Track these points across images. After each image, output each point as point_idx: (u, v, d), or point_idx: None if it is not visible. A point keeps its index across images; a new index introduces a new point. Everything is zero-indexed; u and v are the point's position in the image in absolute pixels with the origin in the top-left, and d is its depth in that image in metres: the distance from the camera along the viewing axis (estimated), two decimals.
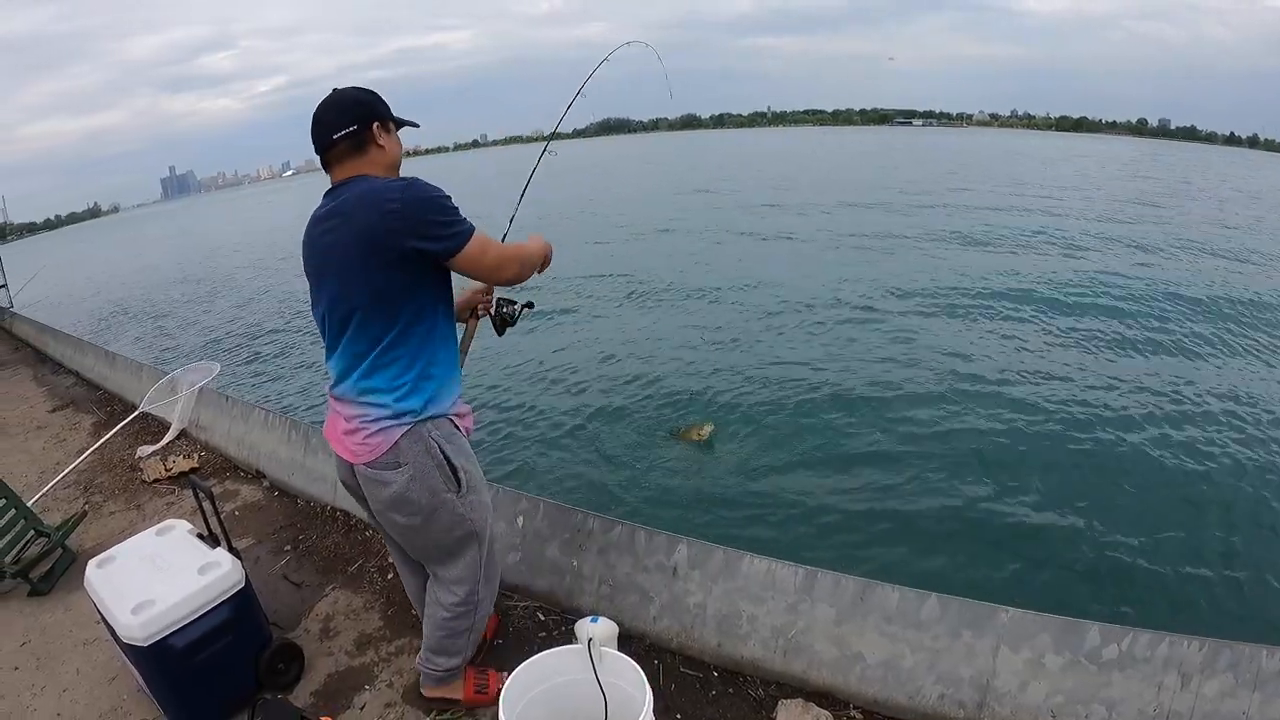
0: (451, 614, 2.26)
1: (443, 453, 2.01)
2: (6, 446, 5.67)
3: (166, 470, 4.63)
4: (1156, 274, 12.60)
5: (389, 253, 1.83)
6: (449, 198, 1.90)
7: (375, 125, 1.96)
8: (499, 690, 2.11)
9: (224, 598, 2.46)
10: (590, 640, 2.04)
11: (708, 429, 6.04)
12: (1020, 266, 13.25)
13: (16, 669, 2.97)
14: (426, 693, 2.48)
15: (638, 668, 1.97)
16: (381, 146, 1.98)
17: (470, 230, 1.90)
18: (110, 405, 6.35)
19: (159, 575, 2.49)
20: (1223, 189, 32.33)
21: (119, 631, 2.31)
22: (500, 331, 2.48)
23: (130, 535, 3.91)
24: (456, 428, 2.09)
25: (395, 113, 2.05)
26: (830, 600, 2.47)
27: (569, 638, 2.83)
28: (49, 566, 3.58)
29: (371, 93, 2.01)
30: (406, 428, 1.95)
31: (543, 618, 2.99)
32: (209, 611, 2.42)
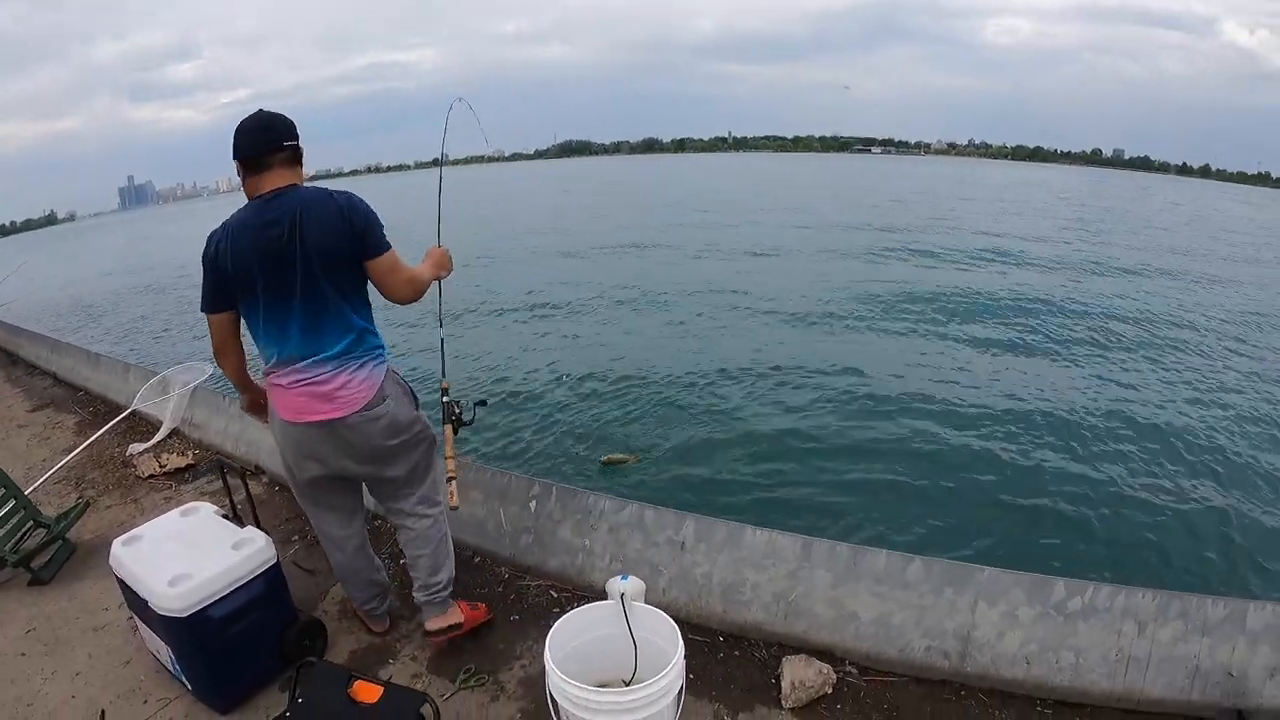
0: (432, 522, 2.66)
1: (401, 379, 2.46)
2: None
3: (161, 466, 4.67)
4: (1063, 283, 14.00)
5: (340, 244, 2.17)
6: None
7: (292, 144, 2.23)
8: (487, 607, 2.88)
9: (259, 572, 2.57)
10: (622, 595, 2.24)
11: (631, 459, 6.12)
12: (961, 278, 14.23)
13: (23, 655, 2.99)
14: (430, 625, 2.73)
15: (670, 620, 2.17)
16: (302, 166, 2.26)
17: (389, 245, 2.26)
18: (93, 405, 6.31)
19: (192, 551, 2.59)
20: (1154, 213, 35.21)
21: (155, 603, 2.41)
22: (455, 431, 2.86)
23: (129, 528, 3.99)
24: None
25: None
26: (827, 565, 2.68)
27: None
28: (49, 556, 3.63)
29: (284, 119, 2.25)
30: (384, 368, 2.38)
31: (555, 594, 3.15)
32: (245, 584, 2.53)
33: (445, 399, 2.85)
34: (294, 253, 2.13)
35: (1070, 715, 2.35)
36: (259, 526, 2.76)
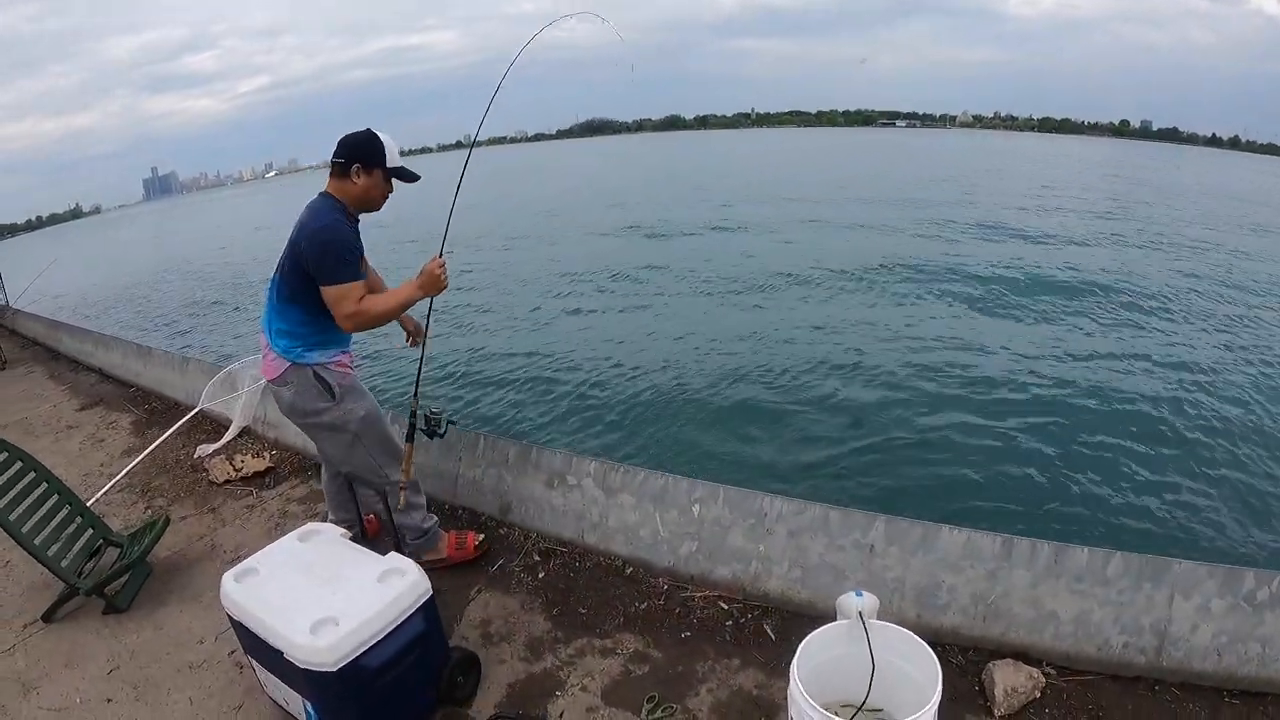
0: (375, 495, 2.92)
1: (316, 375, 2.69)
2: (38, 448, 5.18)
3: (236, 470, 4.29)
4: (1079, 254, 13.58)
5: (295, 260, 2.58)
6: (348, 250, 2.55)
7: (356, 166, 2.60)
8: (475, 545, 3.12)
9: (414, 608, 2.19)
10: (860, 613, 2.02)
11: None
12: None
13: (110, 701, 2.60)
14: (425, 561, 2.81)
15: (922, 643, 1.97)
16: (355, 182, 2.61)
17: (341, 280, 2.52)
18: (148, 402, 5.94)
19: (327, 587, 2.21)
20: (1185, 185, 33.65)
21: (294, 655, 2.02)
22: (430, 436, 3.02)
23: (210, 542, 3.64)
24: (331, 368, 2.74)
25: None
26: (1027, 565, 2.51)
27: (758, 624, 2.73)
28: (124, 580, 3.22)
29: (373, 142, 2.61)
30: (287, 362, 2.69)
31: (725, 606, 2.80)
32: (401, 625, 2.15)
33: (411, 416, 2.98)
34: (287, 246, 2.63)
35: (1256, 705, 2.26)
36: (399, 549, 2.36)
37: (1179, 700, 2.29)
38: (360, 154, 2.60)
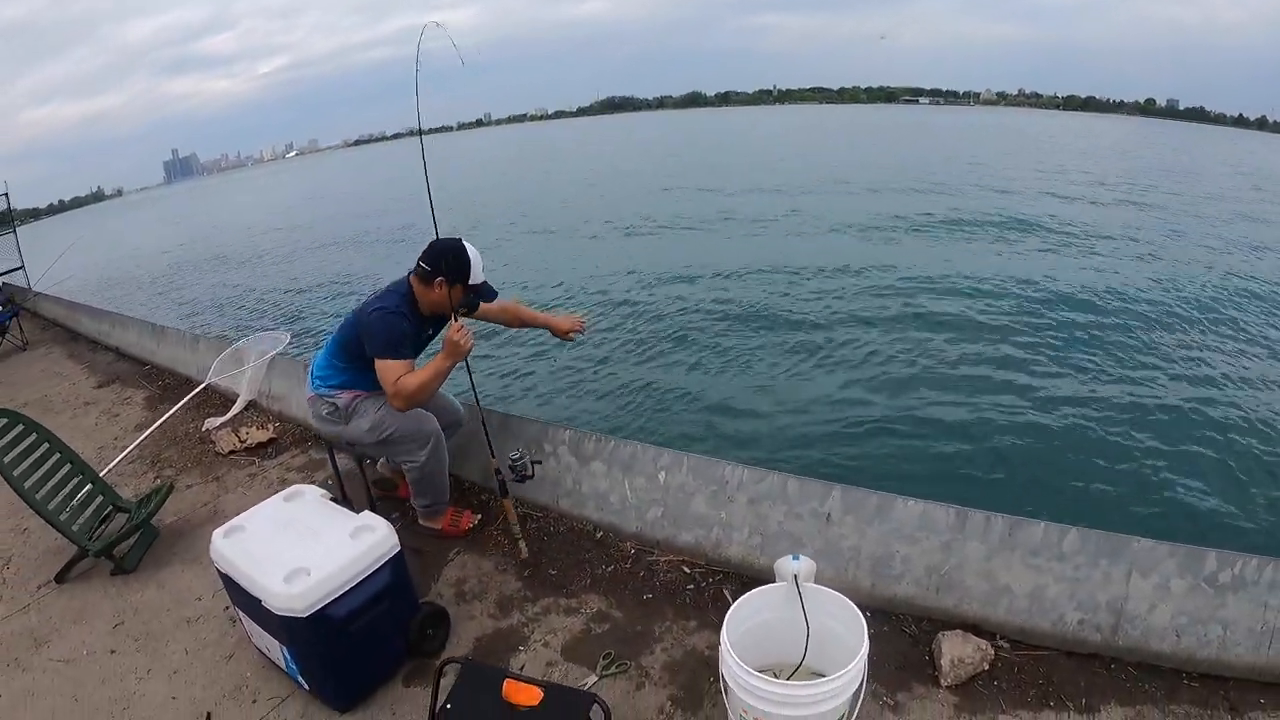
0: (410, 466, 3.10)
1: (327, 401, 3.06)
2: (57, 423, 5.44)
3: (241, 441, 4.47)
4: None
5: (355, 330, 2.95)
6: (397, 334, 2.81)
7: (440, 280, 2.82)
8: (468, 527, 3.30)
9: (382, 562, 2.33)
10: (795, 576, 2.07)
11: None
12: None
13: (114, 652, 2.78)
14: (420, 524, 3.32)
15: (852, 605, 2.00)
16: (435, 290, 2.84)
17: (387, 356, 2.80)
18: (161, 379, 6.16)
19: (305, 542, 2.35)
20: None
21: (270, 603, 2.17)
22: (520, 481, 3.09)
23: (212, 508, 3.81)
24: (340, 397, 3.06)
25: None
26: (981, 537, 2.52)
27: (718, 589, 2.82)
28: (131, 543, 3.41)
29: (463, 261, 2.84)
30: (313, 394, 3.11)
31: (688, 570, 2.90)
32: (369, 577, 2.29)
33: (498, 475, 3.04)
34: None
35: (1214, 688, 2.26)
36: (373, 508, 2.50)
37: (1135, 680, 2.29)
38: (449, 270, 2.81)
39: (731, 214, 16.96)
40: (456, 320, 2.83)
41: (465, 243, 2.88)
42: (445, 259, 2.81)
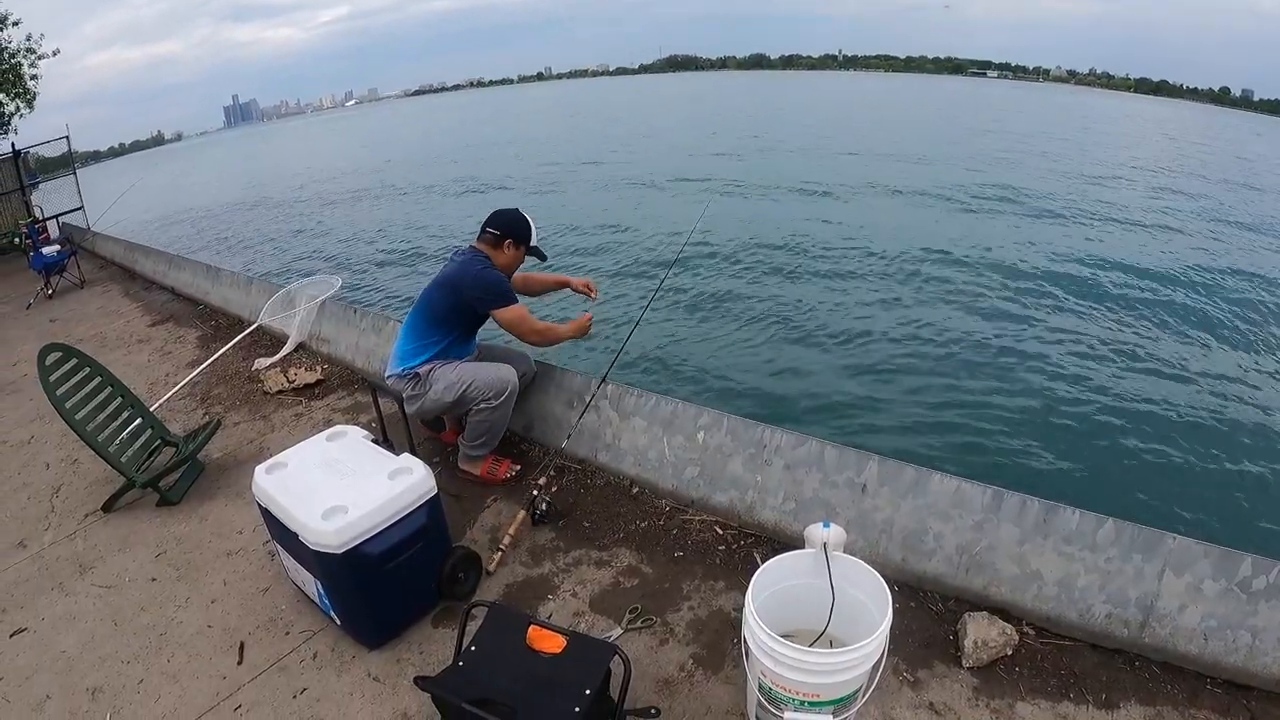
0: (477, 419, 3.22)
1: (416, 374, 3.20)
2: (111, 359, 5.64)
3: (290, 382, 4.57)
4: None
5: (455, 294, 3.14)
6: (505, 285, 3.15)
7: (509, 241, 3.20)
8: (505, 476, 3.37)
9: (418, 504, 2.36)
10: (825, 544, 2.02)
11: None
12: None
13: (154, 580, 2.87)
14: (460, 468, 3.42)
15: (879, 577, 1.95)
16: (504, 252, 3.21)
17: (508, 304, 3.12)
18: (214, 319, 6.32)
19: (344, 481, 2.39)
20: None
21: (307, 538, 2.21)
22: (534, 521, 3.01)
23: (259, 445, 3.91)
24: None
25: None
26: (1015, 520, 2.46)
27: (749, 552, 2.80)
28: (177, 476, 3.51)
29: (524, 224, 3.24)
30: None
31: (720, 531, 2.89)
32: (404, 518, 2.32)
33: (529, 505, 3.03)
34: (439, 280, 3.24)
35: (1237, 696, 2.18)
36: (413, 451, 2.53)
37: (1158, 680, 2.23)
38: (514, 232, 3.20)
39: (833, 183, 16.67)
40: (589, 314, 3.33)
41: (521, 210, 3.26)
42: (512, 225, 3.20)
